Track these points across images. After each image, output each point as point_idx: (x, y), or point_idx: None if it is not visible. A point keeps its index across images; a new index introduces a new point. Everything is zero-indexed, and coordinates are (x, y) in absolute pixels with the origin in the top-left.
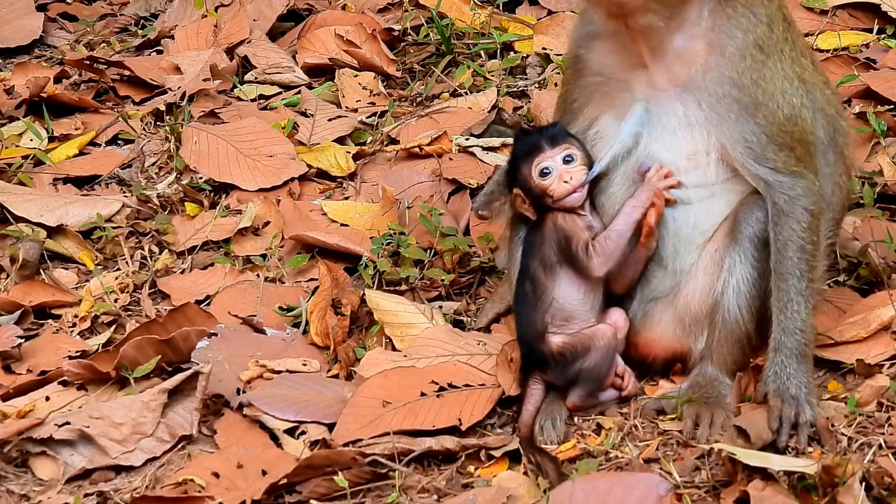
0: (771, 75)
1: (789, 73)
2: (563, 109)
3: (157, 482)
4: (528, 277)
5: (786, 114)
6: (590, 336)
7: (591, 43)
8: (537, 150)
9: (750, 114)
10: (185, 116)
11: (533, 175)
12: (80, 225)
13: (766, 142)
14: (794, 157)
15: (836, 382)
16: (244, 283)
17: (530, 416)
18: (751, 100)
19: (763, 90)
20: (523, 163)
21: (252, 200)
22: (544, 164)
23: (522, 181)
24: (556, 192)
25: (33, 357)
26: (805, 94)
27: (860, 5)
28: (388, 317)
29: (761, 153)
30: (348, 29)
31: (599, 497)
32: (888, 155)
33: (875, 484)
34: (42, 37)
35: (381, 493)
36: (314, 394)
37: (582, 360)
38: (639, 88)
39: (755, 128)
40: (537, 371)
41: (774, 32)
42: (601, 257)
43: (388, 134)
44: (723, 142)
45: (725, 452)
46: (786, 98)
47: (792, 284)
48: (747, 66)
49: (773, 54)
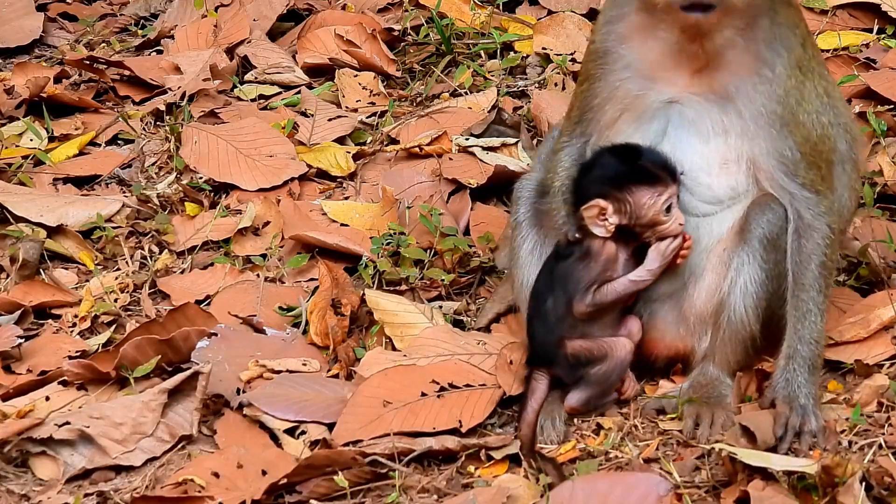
0: (808, 95)
1: (820, 91)
2: (586, 104)
3: (157, 482)
4: (553, 280)
5: (819, 134)
6: (609, 346)
7: (628, 41)
8: (664, 184)
9: (789, 131)
10: (185, 116)
11: (656, 205)
12: (80, 225)
13: (798, 158)
14: (820, 176)
15: (836, 382)
16: (244, 283)
17: (534, 414)
18: (792, 118)
19: (803, 110)
20: (644, 190)
21: (252, 200)
22: (672, 201)
23: (628, 202)
24: (670, 229)
25: (33, 357)
26: (832, 110)
27: (860, 5)
28: (388, 317)
29: (794, 169)
30: (348, 29)
31: (599, 497)
32: (888, 155)
33: (875, 484)
34: (42, 37)
35: (381, 493)
36: (314, 394)
37: (596, 367)
38: (670, 89)
39: (792, 144)
40: (544, 366)
41: (807, 51)
42: (591, 305)
43: (388, 134)
44: (755, 153)
45: (726, 452)
46: (819, 119)
47: (811, 297)
48: (793, 85)
49: (808, 74)
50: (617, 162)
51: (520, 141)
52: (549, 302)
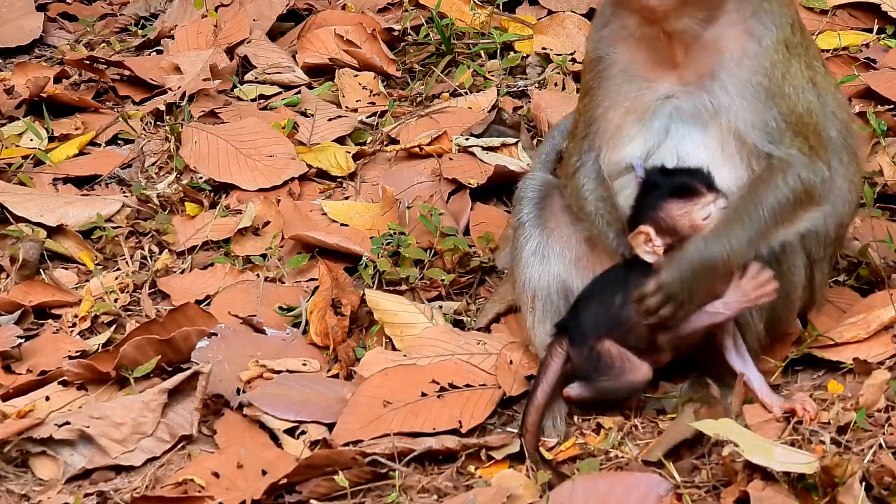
0: (794, 72)
1: (806, 74)
2: (590, 116)
3: (157, 482)
4: (628, 282)
5: (804, 108)
6: (629, 366)
7: (616, 43)
8: (697, 193)
9: (775, 102)
10: (185, 116)
11: (690, 216)
12: (80, 225)
13: (784, 128)
14: (808, 144)
15: (837, 382)
16: (244, 283)
17: (543, 395)
18: (778, 90)
19: (788, 83)
20: (675, 203)
21: (252, 200)
22: (709, 210)
23: (668, 221)
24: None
25: (33, 357)
26: (817, 97)
27: (860, 5)
28: (388, 317)
29: (779, 137)
30: (348, 29)
31: (599, 497)
32: (888, 155)
33: (875, 484)
34: (42, 37)
35: (381, 493)
36: (314, 394)
37: (608, 377)
38: (664, 84)
39: (777, 115)
40: (565, 340)
41: (795, 35)
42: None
43: (388, 134)
44: (740, 127)
45: (726, 453)
46: (804, 95)
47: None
48: (779, 59)
49: (794, 54)
50: (650, 185)
51: (520, 141)
52: (617, 298)
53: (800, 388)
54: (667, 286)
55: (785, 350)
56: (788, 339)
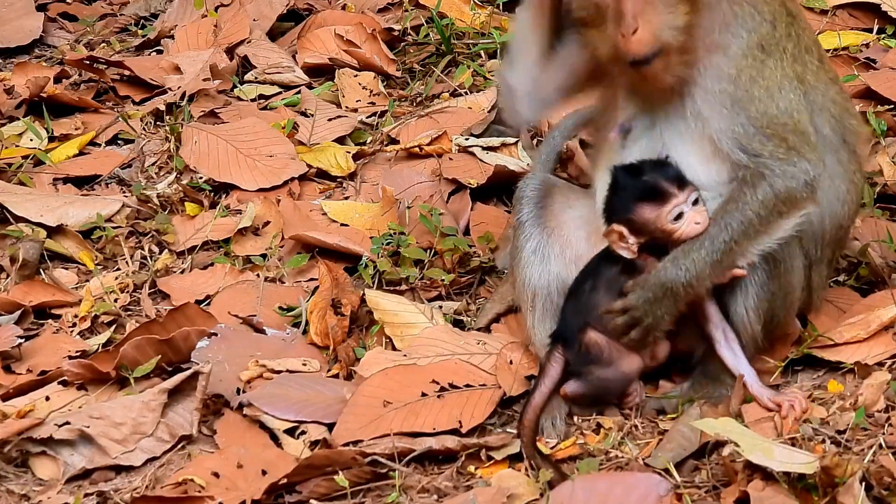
0: (770, 73)
1: (789, 72)
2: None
3: (157, 482)
4: (595, 279)
5: (781, 108)
6: (619, 355)
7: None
8: (667, 196)
9: (743, 107)
10: (185, 116)
11: (664, 220)
12: (80, 225)
13: (753, 132)
14: (786, 145)
15: (837, 382)
16: (244, 283)
17: (541, 397)
18: (746, 94)
19: (759, 85)
20: (646, 206)
21: (252, 200)
22: (679, 210)
23: (639, 222)
24: (686, 233)
25: (33, 357)
26: (803, 94)
27: (860, 5)
28: (388, 316)
29: (747, 141)
30: (348, 29)
31: (599, 497)
32: (888, 155)
33: (875, 484)
34: (42, 37)
35: (381, 493)
36: (314, 394)
37: (599, 369)
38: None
39: (744, 120)
40: (561, 346)
41: (777, 30)
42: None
43: (388, 134)
44: (710, 133)
45: (726, 453)
46: (783, 93)
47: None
48: (748, 63)
49: (774, 53)
50: (621, 183)
51: (520, 141)
52: (586, 285)
53: (800, 388)
54: (632, 309)
55: (785, 350)
56: (788, 340)
